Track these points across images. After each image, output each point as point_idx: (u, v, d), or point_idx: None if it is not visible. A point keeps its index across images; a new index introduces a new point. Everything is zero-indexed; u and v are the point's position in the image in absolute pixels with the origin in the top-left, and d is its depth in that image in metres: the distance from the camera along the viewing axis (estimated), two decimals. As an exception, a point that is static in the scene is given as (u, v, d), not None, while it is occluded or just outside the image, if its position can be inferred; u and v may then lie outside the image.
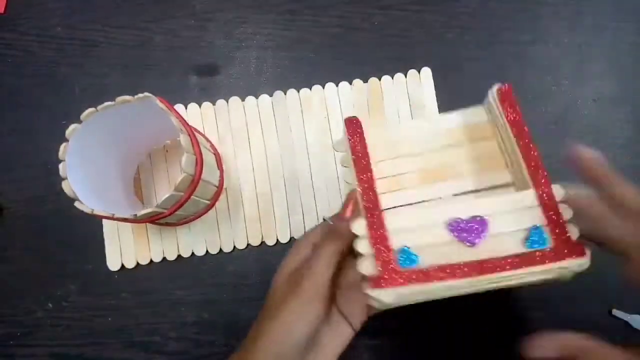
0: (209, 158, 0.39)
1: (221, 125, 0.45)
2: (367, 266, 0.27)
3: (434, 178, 0.33)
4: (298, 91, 0.45)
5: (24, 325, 0.43)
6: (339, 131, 0.45)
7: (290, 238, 0.43)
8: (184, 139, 0.33)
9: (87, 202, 0.33)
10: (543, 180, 0.29)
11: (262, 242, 0.43)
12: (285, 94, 0.45)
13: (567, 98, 0.46)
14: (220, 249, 0.43)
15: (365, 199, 0.29)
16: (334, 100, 0.45)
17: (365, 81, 0.45)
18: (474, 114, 0.35)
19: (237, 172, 0.44)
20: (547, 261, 0.26)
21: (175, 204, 0.35)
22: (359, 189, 0.30)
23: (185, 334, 0.42)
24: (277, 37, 0.47)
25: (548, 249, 0.26)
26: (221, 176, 0.43)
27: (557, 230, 0.27)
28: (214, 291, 0.43)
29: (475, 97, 0.45)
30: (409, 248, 0.27)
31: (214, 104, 0.45)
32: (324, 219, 0.32)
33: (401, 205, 0.32)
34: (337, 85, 0.45)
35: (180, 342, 0.42)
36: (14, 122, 0.46)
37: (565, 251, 0.26)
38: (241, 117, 0.45)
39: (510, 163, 0.32)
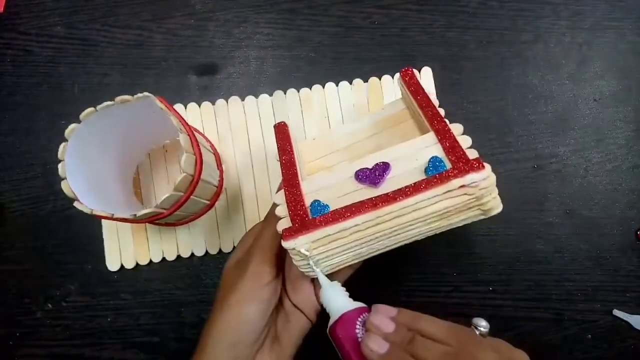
0: (208, 158, 0.39)
1: (221, 124, 0.45)
2: (282, 224, 0.28)
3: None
4: (298, 91, 0.45)
5: (24, 325, 0.43)
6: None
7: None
8: (183, 139, 0.33)
9: (87, 202, 0.33)
10: (439, 120, 0.30)
11: (262, 242, 0.43)
12: (285, 93, 0.45)
13: (568, 98, 0.46)
14: (220, 250, 0.43)
15: (284, 173, 0.31)
16: (334, 100, 0.45)
17: (366, 81, 0.45)
18: (393, 106, 0.36)
19: (237, 172, 0.44)
20: (447, 180, 0.26)
21: (174, 204, 0.35)
22: (280, 167, 0.32)
23: (184, 334, 0.42)
24: (277, 36, 0.47)
25: (447, 171, 0.27)
26: (221, 176, 0.43)
27: (454, 155, 0.27)
28: (214, 292, 0.42)
29: (476, 96, 0.46)
30: (320, 201, 0.28)
31: (213, 104, 0.45)
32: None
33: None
34: (337, 85, 0.45)
35: (180, 343, 0.42)
36: (13, 121, 0.46)
37: (464, 168, 0.26)
38: (241, 117, 0.45)
39: (420, 129, 0.34)
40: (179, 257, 0.43)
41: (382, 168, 0.29)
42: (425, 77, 0.45)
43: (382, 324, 0.28)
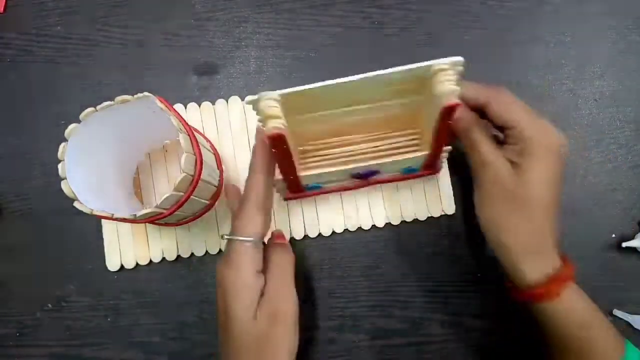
0: (208, 158, 0.39)
1: (221, 125, 0.45)
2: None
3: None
4: (298, 91, 0.45)
5: (23, 325, 0.43)
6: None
7: (290, 238, 0.43)
8: (183, 139, 0.33)
9: (86, 202, 0.33)
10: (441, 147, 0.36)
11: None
12: (285, 93, 0.45)
13: (568, 98, 0.46)
14: (220, 250, 0.43)
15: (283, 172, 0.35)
16: (334, 100, 0.45)
17: (366, 81, 0.45)
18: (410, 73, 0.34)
19: (237, 172, 0.44)
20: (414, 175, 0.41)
21: (174, 204, 0.35)
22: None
23: (184, 334, 0.42)
24: (277, 36, 0.47)
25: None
26: (221, 176, 0.43)
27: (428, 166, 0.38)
28: (214, 291, 0.43)
29: (475, 97, 0.45)
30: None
31: (213, 104, 0.45)
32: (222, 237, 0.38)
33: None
34: (337, 85, 0.45)
35: (180, 343, 0.42)
36: (13, 122, 0.46)
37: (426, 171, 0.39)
38: (241, 117, 0.45)
39: (422, 127, 0.37)
40: (179, 257, 0.43)
41: (373, 172, 0.36)
42: (425, 77, 0.45)
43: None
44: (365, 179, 0.37)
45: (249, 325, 0.32)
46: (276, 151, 0.31)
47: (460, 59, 0.30)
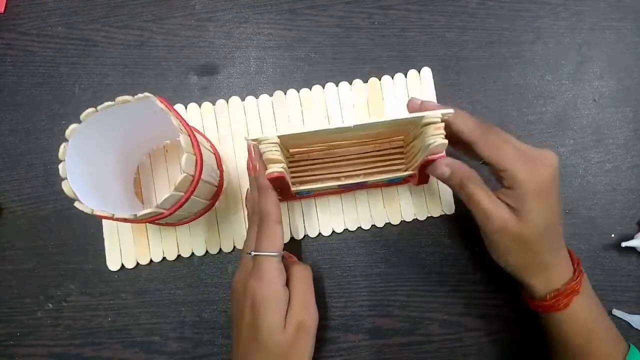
0: (209, 158, 0.39)
1: (221, 125, 0.45)
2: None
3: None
4: (298, 91, 0.45)
5: (24, 325, 0.43)
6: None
7: (290, 238, 0.43)
8: (183, 139, 0.33)
9: (87, 202, 0.33)
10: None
11: (262, 242, 0.43)
12: (285, 93, 0.45)
13: (567, 98, 0.46)
14: (220, 249, 0.43)
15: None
16: (334, 100, 0.45)
17: (365, 81, 0.45)
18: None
19: (237, 172, 0.44)
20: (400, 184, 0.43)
21: (175, 204, 0.35)
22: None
23: (185, 334, 0.42)
24: (277, 36, 0.47)
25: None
26: (221, 176, 0.43)
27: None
28: (214, 291, 0.43)
29: (476, 96, 0.46)
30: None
31: (213, 104, 0.45)
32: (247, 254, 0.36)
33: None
34: (337, 85, 0.45)
35: (180, 342, 0.42)
36: (14, 122, 0.46)
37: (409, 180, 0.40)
38: (241, 117, 0.45)
39: (408, 150, 0.39)
40: (179, 257, 0.43)
41: (360, 185, 0.38)
42: (425, 78, 0.45)
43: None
44: (351, 189, 0.41)
45: (279, 335, 0.33)
46: (275, 184, 0.35)
47: (450, 110, 0.31)
